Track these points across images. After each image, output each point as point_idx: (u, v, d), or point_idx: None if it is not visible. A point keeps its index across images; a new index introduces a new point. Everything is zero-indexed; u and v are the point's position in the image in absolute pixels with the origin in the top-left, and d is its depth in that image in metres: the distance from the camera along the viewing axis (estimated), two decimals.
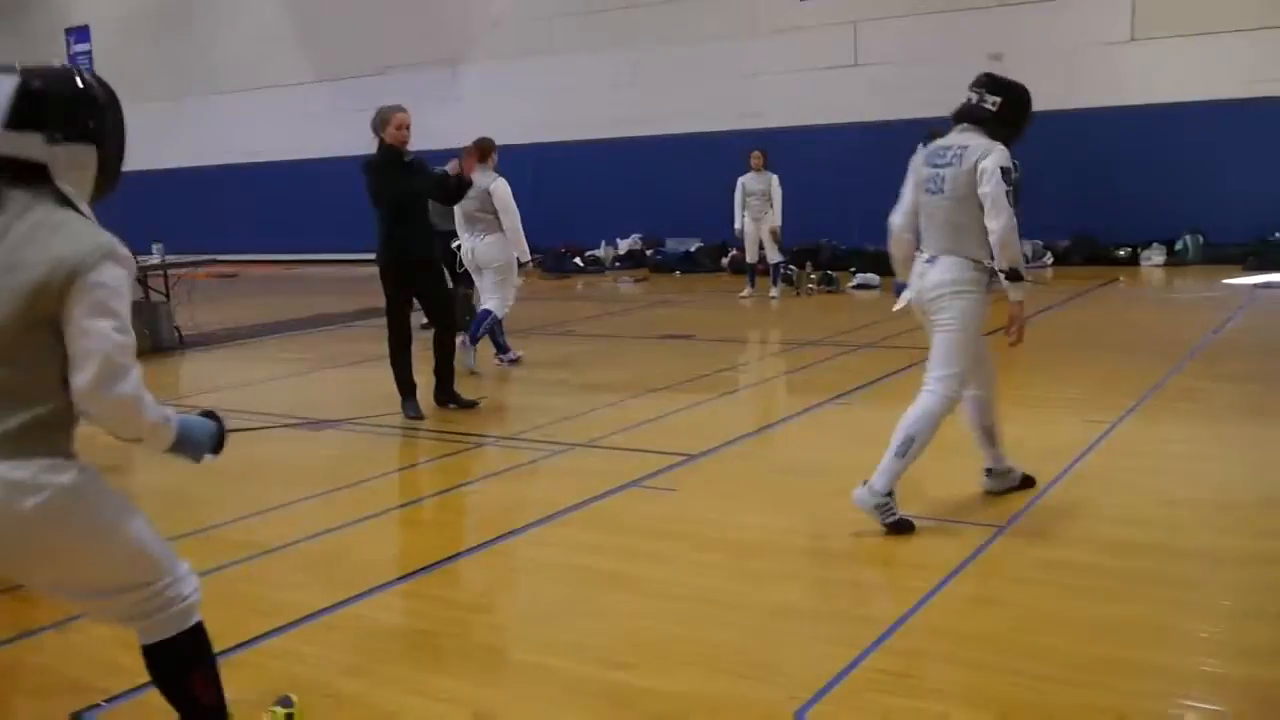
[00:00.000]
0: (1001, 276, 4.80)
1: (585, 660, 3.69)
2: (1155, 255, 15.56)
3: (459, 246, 9.49)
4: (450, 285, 8.08)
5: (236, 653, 3.84)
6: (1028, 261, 15.58)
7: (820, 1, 17.79)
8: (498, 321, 9.43)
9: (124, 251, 2.50)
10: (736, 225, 13.80)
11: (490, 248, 9.15)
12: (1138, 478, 5.72)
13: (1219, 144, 15.33)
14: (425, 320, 11.23)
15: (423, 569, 4.60)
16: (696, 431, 6.76)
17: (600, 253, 19.43)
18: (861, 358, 9.36)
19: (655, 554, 4.67)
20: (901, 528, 4.69)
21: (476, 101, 20.69)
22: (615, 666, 3.61)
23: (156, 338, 11.39)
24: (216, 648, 3.81)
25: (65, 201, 2.51)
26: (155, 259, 12.22)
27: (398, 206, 7.48)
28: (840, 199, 16.64)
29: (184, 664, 2.80)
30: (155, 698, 3.49)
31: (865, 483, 4.76)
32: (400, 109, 7.59)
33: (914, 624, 3.82)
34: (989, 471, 5.22)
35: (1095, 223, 15.84)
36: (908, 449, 4.74)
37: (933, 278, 4.81)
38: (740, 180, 13.70)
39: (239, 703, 3.48)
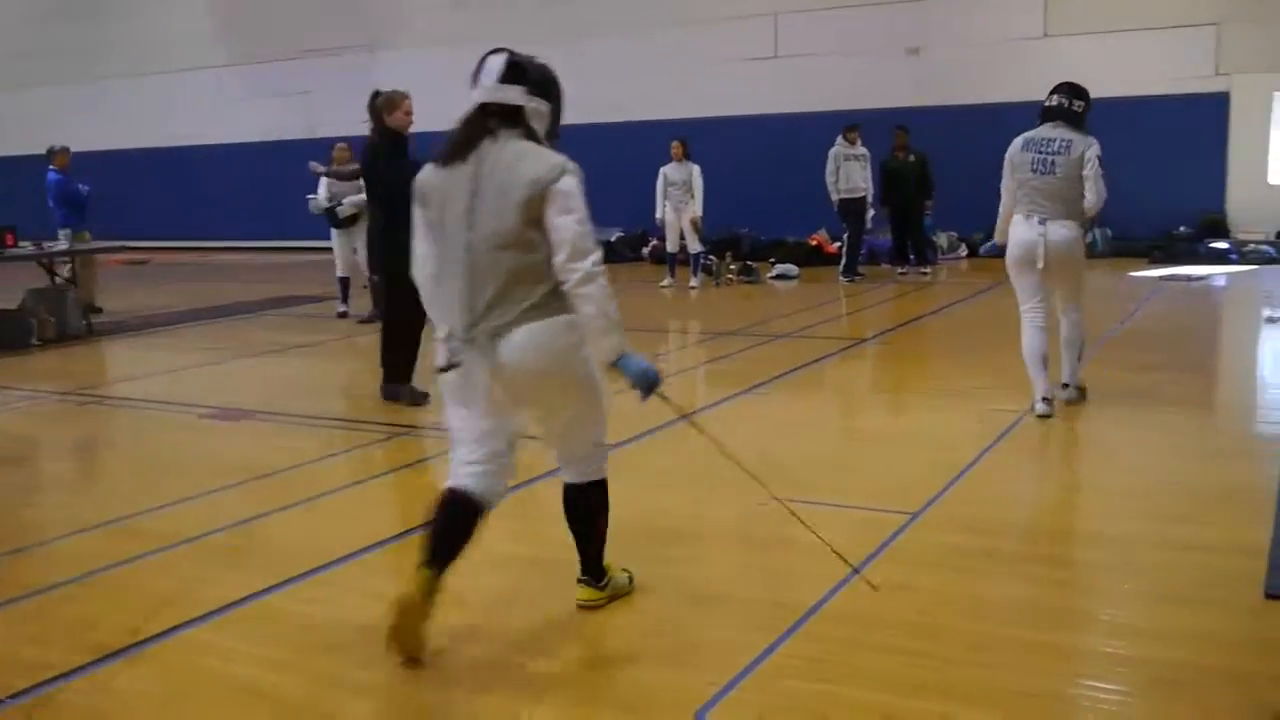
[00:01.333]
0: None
1: (505, 648, 3.71)
2: None
3: None
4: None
5: (150, 645, 3.79)
6: (942, 253, 15.90)
7: None
8: None
9: (573, 165, 3.48)
10: (657, 215, 13.83)
11: None
12: (1045, 465, 5.88)
13: (1127, 140, 15.68)
14: (369, 313, 11.19)
15: (342, 559, 4.57)
16: (617, 420, 6.67)
17: None
18: (780, 347, 9.46)
19: (571, 542, 4.68)
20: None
21: (398, 88, 20.46)
22: (535, 654, 3.64)
23: (63, 326, 11.10)
24: (132, 640, 3.80)
25: (531, 136, 3.54)
26: (62, 244, 11.94)
27: (405, 194, 7.34)
28: (761, 190, 16.78)
29: (599, 510, 3.85)
30: (62, 694, 3.45)
31: (1065, 386, 6.66)
32: (406, 93, 7.39)
33: (828, 610, 3.89)
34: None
35: None
36: (1081, 352, 6.75)
37: (1058, 235, 6.37)
38: (662, 170, 13.73)
39: (147, 696, 3.46)
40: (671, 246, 14.05)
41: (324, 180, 11.80)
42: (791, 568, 4.39)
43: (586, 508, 3.83)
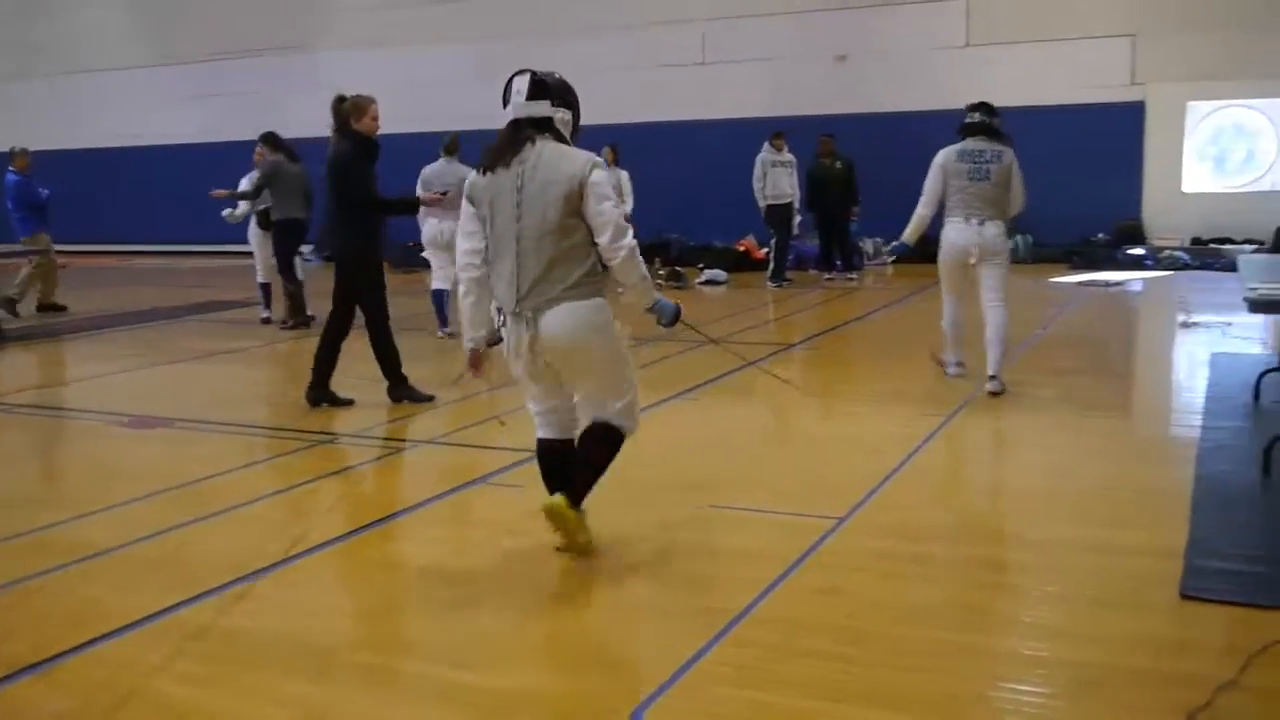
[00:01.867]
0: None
1: (424, 659, 3.66)
2: None
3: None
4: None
5: (65, 659, 3.69)
6: (869, 259, 16.05)
7: None
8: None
9: (599, 160, 4.15)
10: None
11: None
12: (969, 469, 5.95)
13: (1047, 148, 15.98)
14: (286, 318, 11.09)
15: (262, 570, 4.48)
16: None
17: None
18: (709, 353, 9.45)
19: (500, 550, 4.65)
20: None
21: (326, 90, 20.17)
22: (455, 665, 3.59)
23: None
24: (45, 655, 3.69)
25: (561, 139, 4.22)
26: None
27: (377, 200, 7.40)
28: (689, 195, 16.82)
29: (604, 444, 4.36)
30: None
31: (991, 378, 7.22)
32: (373, 98, 7.42)
33: (756, 616, 3.89)
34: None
35: (933, 221, 16.34)
36: (1005, 345, 7.35)
37: (992, 233, 7.28)
38: None
39: (61, 714, 3.36)
40: None
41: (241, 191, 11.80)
42: (715, 573, 4.40)
43: (595, 440, 4.36)
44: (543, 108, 4.20)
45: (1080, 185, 15.92)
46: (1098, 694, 3.29)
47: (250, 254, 12.19)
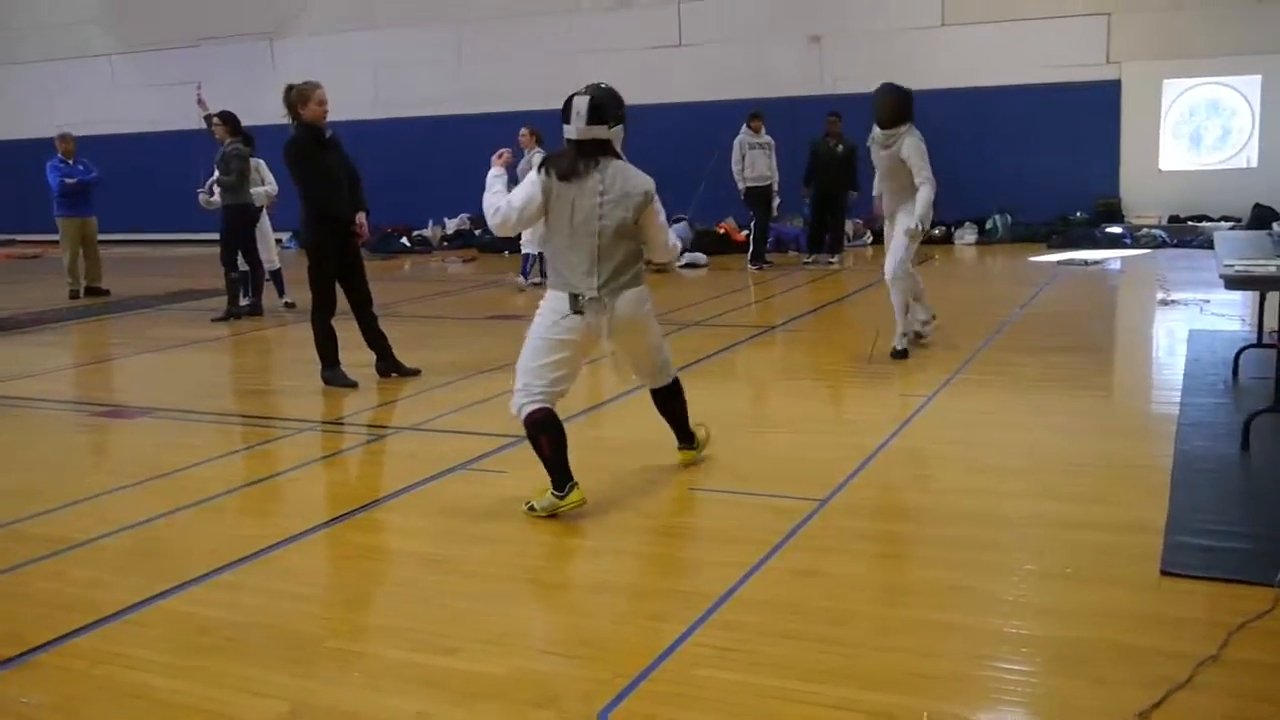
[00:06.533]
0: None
1: (406, 646, 3.64)
2: (967, 234, 16.20)
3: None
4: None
5: (42, 653, 3.66)
6: (849, 240, 16.03)
7: None
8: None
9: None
10: None
11: None
12: (950, 448, 5.95)
13: (1024, 127, 16.05)
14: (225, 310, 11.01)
15: (241, 560, 4.45)
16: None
17: (428, 232, 19.12)
18: (690, 336, 9.47)
19: (482, 536, 4.63)
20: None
21: (297, 77, 20.00)
22: (436, 651, 3.57)
23: None
24: (22, 648, 3.66)
25: (619, 156, 4.91)
26: None
27: (328, 183, 7.37)
28: (668, 178, 16.68)
29: (675, 396, 5.38)
30: None
31: (906, 337, 8.16)
32: (318, 84, 7.44)
33: (739, 598, 3.89)
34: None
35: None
36: (906, 310, 8.20)
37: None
38: None
39: (37, 706, 3.33)
40: None
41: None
42: (698, 556, 4.40)
43: (674, 396, 5.36)
44: (601, 131, 4.79)
45: (1058, 164, 15.97)
46: (1080, 670, 3.30)
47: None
